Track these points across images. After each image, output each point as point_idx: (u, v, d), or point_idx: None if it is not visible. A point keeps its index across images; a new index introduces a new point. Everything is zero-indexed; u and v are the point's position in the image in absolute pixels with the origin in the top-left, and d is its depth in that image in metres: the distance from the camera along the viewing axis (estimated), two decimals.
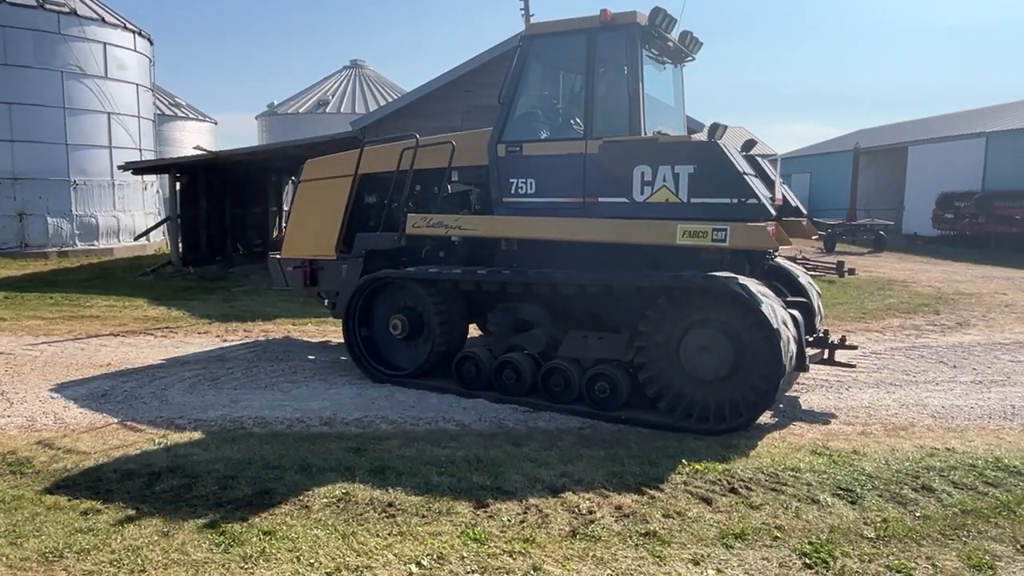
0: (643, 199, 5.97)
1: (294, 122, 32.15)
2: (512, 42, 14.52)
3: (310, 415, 6.00)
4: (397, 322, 6.89)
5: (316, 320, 10.57)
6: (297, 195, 8.27)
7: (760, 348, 5.34)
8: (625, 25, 6.18)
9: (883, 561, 3.60)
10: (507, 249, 6.80)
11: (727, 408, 5.50)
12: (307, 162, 8.27)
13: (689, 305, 5.65)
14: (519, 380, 6.31)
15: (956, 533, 3.89)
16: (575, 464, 4.82)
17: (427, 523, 3.94)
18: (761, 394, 5.38)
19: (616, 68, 6.41)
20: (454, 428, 5.72)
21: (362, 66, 37.07)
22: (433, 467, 4.74)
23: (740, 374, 5.45)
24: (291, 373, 7.47)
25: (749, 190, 5.68)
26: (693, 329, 5.60)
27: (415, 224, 7.04)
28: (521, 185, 6.53)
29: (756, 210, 5.69)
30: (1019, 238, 21.79)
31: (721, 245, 5.67)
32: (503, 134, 6.64)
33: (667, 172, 5.86)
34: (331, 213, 7.83)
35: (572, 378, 6.07)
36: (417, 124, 14.69)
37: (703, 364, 5.50)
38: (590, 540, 3.78)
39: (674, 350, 5.66)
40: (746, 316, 5.40)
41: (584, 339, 6.19)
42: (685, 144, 6.05)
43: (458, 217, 6.87)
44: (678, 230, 5.79)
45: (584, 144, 6.26)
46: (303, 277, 7.95)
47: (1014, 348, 8.60)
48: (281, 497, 4.26)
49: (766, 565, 3.57)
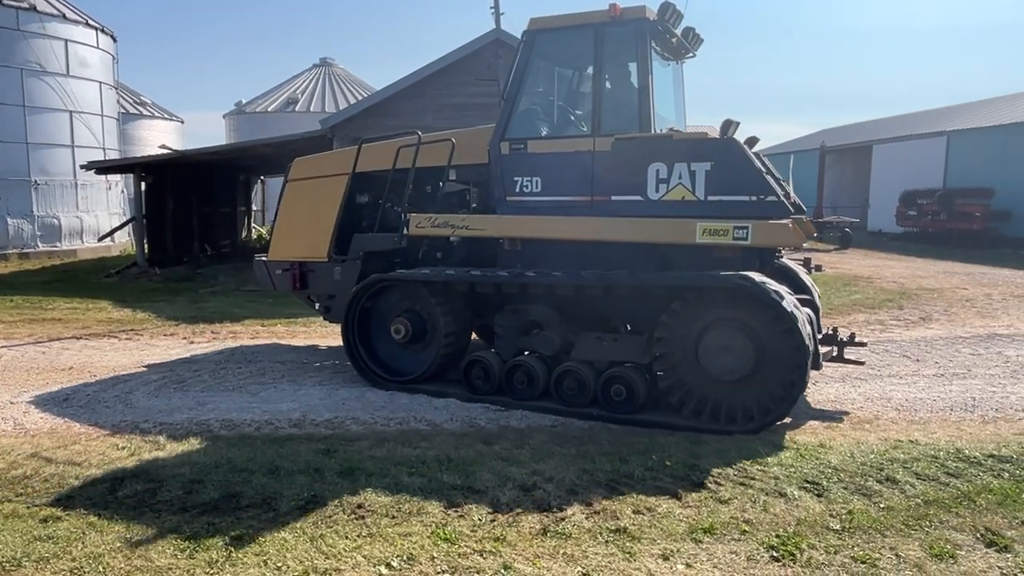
0: (658, 197, 5.87)
1: (262, 121, 31.72)
2: (484, 40, 14.53)
3: (279, 417, 5.93)
4: (400, 326, 6.64)
5: (285, 321, 10.45)
6: (284, 195, 7.92)
7: (786, 347, 5.28)
8: (635, 20, 6.05)
9: (848, 552, 3.65)
10: (510, 249, 6.59)
11: (754, 407, 5.42)
12: (295, 161, 7.95)
13: (711, 304, 5.54)
14: (531, 384, 6.12)
15: (919, 523, 3.96)
16: (546, 462, 4.82)
17: (397, 524, 3.91)
18: (788, 390, 5.31)
19: (625, 63, 6.33)
20: (425, 428, 5.69)
21: (331, 64, 36.73)
22: (404, 467, 4.70)
23: (763, 373, 5.39)
24: (259, 375, 7.37)
25: (768, 187, 5.66)
26: (714, 329, 5.52)
27: (419, 224, 6.74)
28: (526, 183, 6.36)
29: (775, 208, 5.65)
30: (979, 234, 22.33)
31: (743, 243, 5.60)
32: (506, 131, 6.45)
33: (683, 169, 5.77)
34: (322, 213, 7.51)
35: (587, 381, 5.89)
36: (387, 123, 14.62)
37: (725, 364, 5.44)
38: (560, 538, 3.79)
39: (694, 351, 5.56)
40: (772, 315, 5.32)
41: (598, 341, 6.04)
42: (702, 141, 5.95)
43: (465, 217, 6.63)
44: (698, 228, 5.69)
45: (592, 141, 6.12)
46: (292, 280, 7.63)
47: (974, 342, 8.80)
48: (248, 501, 4.20)
49: (734, 559, 3.60)
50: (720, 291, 5.52)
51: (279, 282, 7.81)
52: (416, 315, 6.70)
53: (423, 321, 6.68)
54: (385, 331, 6.83)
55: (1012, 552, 3.66)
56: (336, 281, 7.36)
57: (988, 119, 26.31)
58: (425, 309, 6.67)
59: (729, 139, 5.84)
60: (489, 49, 14.55)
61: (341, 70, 36.59)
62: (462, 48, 14.57)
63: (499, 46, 14.52)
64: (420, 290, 6.64)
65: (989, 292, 12.98)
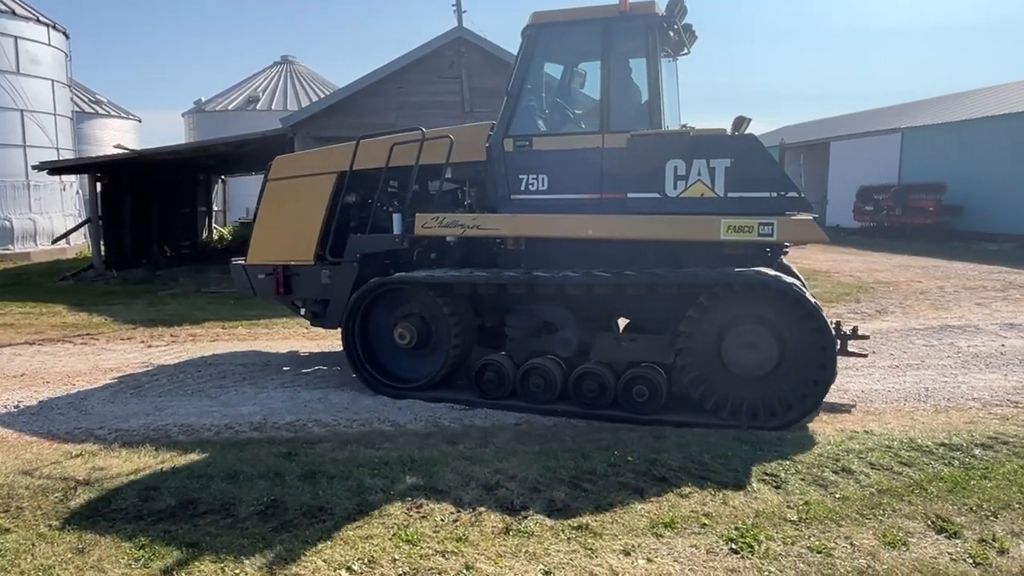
0: (676, 194, 5.81)
1: (223, 119, 31.17)
2: (446, 38, 14.46)
3: (239, 421, 5.84)
4: (404, 331, 6.37)
5: (247, 322, 10.29)
6: (264, 195, 7.48)
7: (812, 342, 5.36)
8: (644, 15, 5.99)
9: (805, 543, 3.72)
10: (513, 249, 6.44)
11: (777, 404, 5.47)
12: (276, 159, 7.60)
13: (737, 301, 5.55)
14: (548, 387, 5.97)
15: (873, 512, 4.06)
16: (510, 460, 4.82)
17: (358, 527, 3.88)
18: (818, 387, 5.39)
19: (633, 59, 6.28)
20: (389, 429, 5.65)
21: (293, 62, 36.20)
22: (366, 469, 4.66)
23: (788, 370, 5.45)
24: (219, 378, 7.26)
25: (789, 183, 5.68)
26: (739, 326, 5.53)
27: (425, 224, 6.47)
28: (532, 181, 6.23)
29: (796, 203, 5.69)
30: (932, 228, 22.95)
31: (768, 239, 5.63)
32: (510, 128, 6.31)
33: (702, 166, 5.73)
34: (307, 214, 7.14)
35: (608, 382, 5.80)
36: (349, 121, 14.48)
37: (749, 361, 5.47)
38: (523, 536, 3.79)
39: (717, 349, 5.56)
40: (798, 312, 5.39)
41: (616, 341, 5.99)
42: (722, 137, 5.90)
43: (476, 216, 6.39)
44: (722, 225, 5.65)
45: (601, 138, 6.04)
46: (276, 285, 7.21)
47: (928, 333, 9.04)
48: (206, 507, 4.12)
49: (694, 552, 3.65)
50: (748, 288, 5.51)
51: (261, 287, 7.40)
52: (421, 319, 6.45)
53: (429, 325, 6.44)
54: (386, 336, 6.57)
55: (961, 538, 3.77)
56: (326, 285, 7.01)
57: (940, 116, 27.03)
58: (432, 313, 6.41)
59: (749, 135, 5.85)
60: (451, 47, 14.49)
61: (303, 68, 36.12)
62: (424, 46, 14.47)
63: (461, 44, 14.48)
64: (427, 293, 6.35)
65: (942, 285, 13.35)
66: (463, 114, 14.45)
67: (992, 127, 23.81)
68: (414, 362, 6.56)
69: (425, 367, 6.49)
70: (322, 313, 7.14)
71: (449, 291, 6.35)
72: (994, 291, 12.69)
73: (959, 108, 27.31)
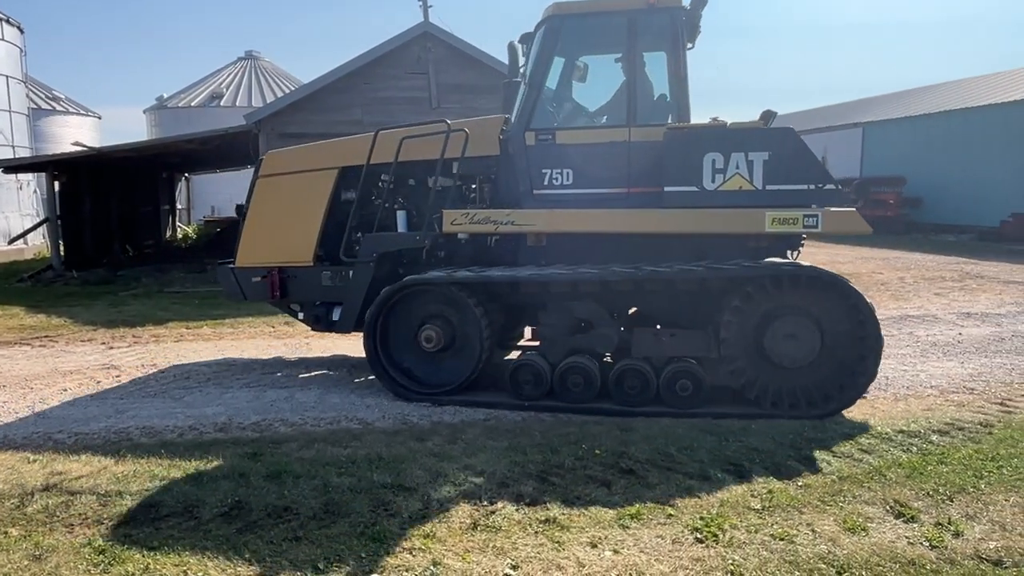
0: (715, 187, 5.78)
1: (186, 116, 30.59)
2: (412, 33, 14.37)
3: (203, 422, 5.75)
4: (431, 333, 6.10)
5: (212, 322, 10.14)
6: (255, 193, 7.01)
7: (855, 334, 5.52)
8: (670, 8, 5.98)
9: (768, 531, 3.78)
10: (534, 245, 6.29)
11: (817, 394, 5.59)
12: (267, 154, 7.19)
13: (781, 293, 5.62)
14: (588, 386, 5.84)
15: (834, 499, 4.14)
16: (478, 456, 4.82)
17: (324, 526, 3.85)
18: (865, 376, 5.55)
19: (658, 51, 6.24)
20: (356, 427, 5.61)
21: (258, 57, 35.65)
22: (333, 468, 4.62)
23: (828, 360, 5.58)
24: (183, 378, 7.14)
25: (827, 176, 5.78)
26: (782, 317, 5.59)
27: (454, 221, 6.23)
28: (556, 176, 6.11)
29: (834, 196, 5.76)
30: (893, 221, 23.43)
31: (813, 231, 5.72)
32: (531, 121, 6.19)
33: (740, 159, 5.74)
34: (306, 212, 6.79)
35: (650, 378, 5.73)
36: (316, 118, 14.35)
37: (792, 352, 5.55)
38: (490, 531, 3.80)
39: (759, 340, 5.62)
40: (844, 302, 5.55)
41: (655, 337, 5.92)
42: (759, 130, 5.94)
43: (510, 212, 6.15)
44: (767, 217, 5.69)
45: (627, 131, 6.00)
46: (271, 288, 6.83)
47: (888, 323, 9.22)
48: (168, 510, 4.05)
49: (660, 542, 3.69)
50: (797, 280, 5.60)
51: (253, 291, 6.99)
52: (447, 320, 6.20)
53: (456, 326, 6.19)
54: (407, 339, 6.29)
55: (918, 522, 3.87)
56: (327, 287, 6.73)
57: (899, 111, 27.61)
58: (462, 313, 6.14)
59: (787, 128, 5.87)
60: (418, 43, 14.41)
61: (268, 63, 35.60)
62: (391, 41, 14.37)
63: (428, 39, 14.40)
64: (458, 293, 6.08)
65: (902, 276, 13.66)
66: (431, 110, 14.40)
67: (949, 121, 24.40)
68: (436, 365, 6.28)
69: (449, 370, 6.22)
70: (324, 317, 6.82)
71: (482, 291, 6.14)
72: (951, 281, 13.03)
73: (918, 103, 27.93)
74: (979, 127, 23.91)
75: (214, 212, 28.06)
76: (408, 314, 6.29)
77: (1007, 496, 4.16)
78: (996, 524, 3.84)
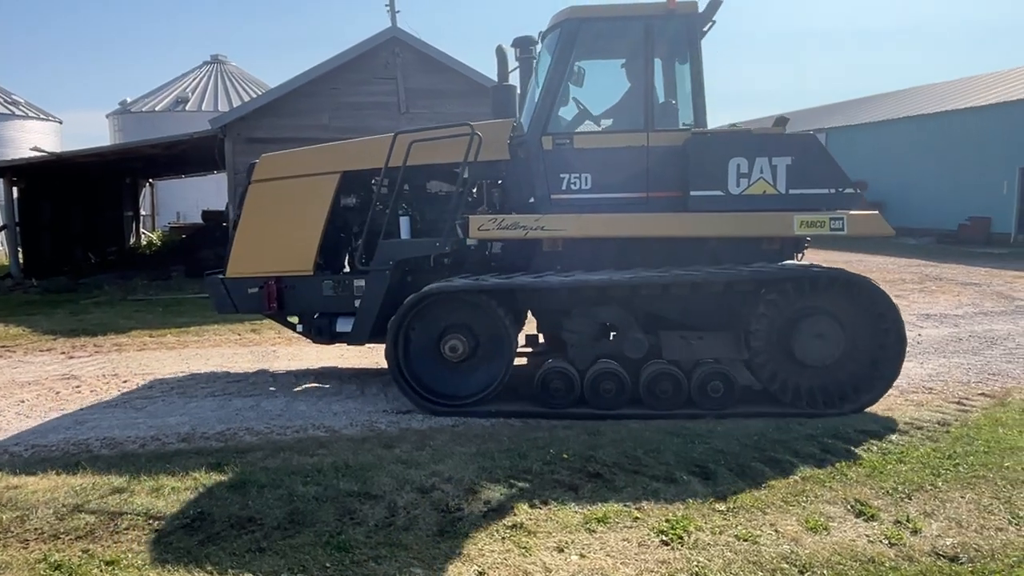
0: (739, 191, 5.89)
1: (150, 121, 30.05)
2: (380, 38, 14.32)
3: (166, 432, 5.65)
4: (456, 343, 5.91)
5: (176, 330, 9.96)
6: (248, 198, 6.69)
7: (885, 331, 5.74)
8: (687, 14, 6.05)
9: (732, 531, 3.83)
10: (549, 251, 6.21)
11: (847, 389, 5.81)
12: (262, 158, 6.82)
13: (812, 295, 5.81)
14: (620, 391, 5.80)
15: (796, 499, 4.20)
16: (446, 462, 4.80)
17: (288, 536, 3.80)
18: (891, 373, 5.81)
19: (675, 57, 6.30)
20: (324, 435, 5.56)
21: (224, 62, 35.18)
22: (299, 477, 4.57)
23: (854, 358, 5.79)
24: (146, 388, 7.01)
25: (846, 180, 5.94)
26: (808, 318, 5.75)
27: (482, 226, 6.08)
28: (574, 180, 6.10)
29: (853, 199, 5.94)
30: None
31: (839, 233, 5.87)
32: (548, 125, 6.17)
33: (764, 163, 5.86)
34: (305, 218, 6.53)
35: (682, 381, 5.76)
36: (283, 122, 14.22)
37: (818, 351, 5.72)
38: (457, 537, 3.78)
39: (789, 340, 5.76)
40: (873, 303, 5.77)
41: (683, 340, 5.94)
42: (782, 136, 6.08)
43: (538, 217, 6.03)
44: (795, 220, 5.83)
45: (646, 136, 6.06)
46: (268, 299, 6.52)
47: None
48: (128, 523, 3.97)
49: (626, 545, 3.71)
50: (831, 282, 5.82)
51: (246, 303, 6.68)
52: (469, 329, 6.01)
53: (479, 335, 6.01)
54: (427, 349, 6.05)
55: (878, 520, 3.94)
56: (328, 297, 6.53)
57: (862, 117, 28.23)
58: (488, 322, 5.97)
59: (809, 134, 6.06)
60: (386, 48, 14.36)
61: (234, 68, 35.16)
62: (359, 46, 14.30)
63: (396, 44, 14.36)
64: (487, 301, 5.92)
65: None
66: (399, 115, 14.35)
67: (910, 127, 25.00)
68: (456, 376, 6.05)
69: (470, 381, 6.03)
70: (328, 328, 6.60)
71: (510, 298, 6.06)
72: (912, 283, 13.33)
73: (880, 109, 28.57)
74: (939, 133, 24.55)
75: (179, 218, 27.63)
76: (428, 323, 6.06)
77: (963, 493, 4.26)
78: (952, 521, 3.93)
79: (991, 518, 3.96)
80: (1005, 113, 22.85)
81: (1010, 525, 3.88)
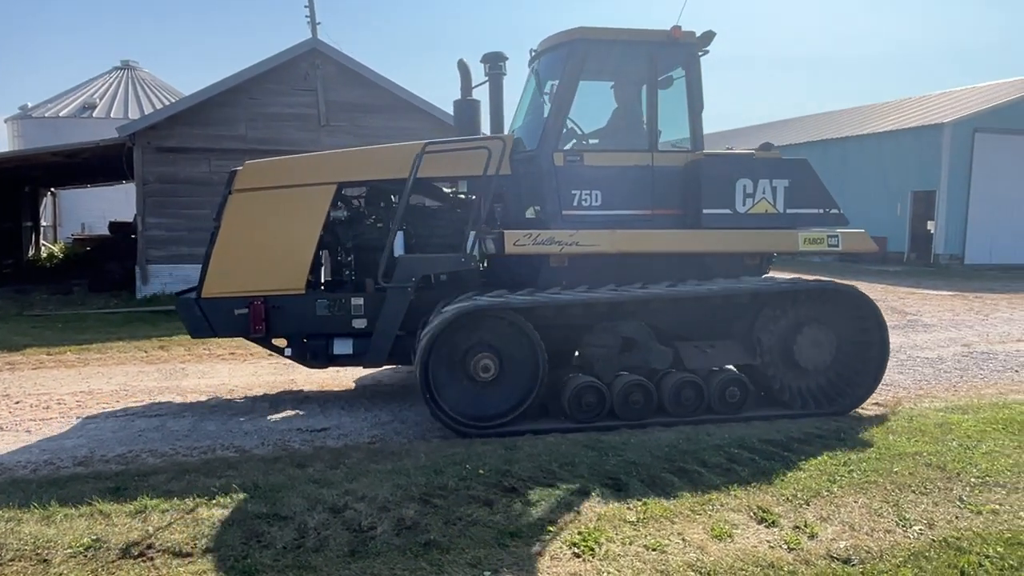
0: (745, 210, 6.35)
1: (54, 127, 28.47)
2: (300, 49, 14.08)
3: (61, 455, 5.34)
4: (488, 362, 5.77)
5: (76, 347, 9.43)
6: (228, 209, 6.18)
7: (869, 341, 6.41)
8: (687, 43, 6.40)
9: (642, 541, 3.92)
10: (556, 267, 6.29)
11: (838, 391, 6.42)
12: (245, 165, 6.31)
13: (816, 306, 6.40)
14: (647, 402, 5.98)
15: (703, 508, 4.34)
16: (360, 481, 4.72)
17: (190, 562, 3.65)
18: (876, 375, 6.45)
19: (675, 82, 6.58)
20: (233, 455, 5.38)
21: (135, 68, 33.73)
22: (203, 500, 4.40)
23: (844, 361, 6.43)
24: (42, 409, 6.61)
25: (833, 201, 6.57)
26: (808, 327, 6.31)
27: (517, 242, 6.00)
28: (585, 197, 6.23)
29: (838, 219, 6.58)
30: None
31: (835, 250, 6.57)
32: (559, 142, 6.27)
33: (766, 185, 6.37)
34: (297, 233, 6.22)
35: (703, 389, 6.09)
36: (196, 131, 13.78)
37: (815, 356, 6.30)
38: (369, 557, 3.72)
39: (790, 347, 6.30)
40: (865, 313, 6.41)
41: (698, 349, 6.27)
42: (780, 160, 6.56)
43: (573, 232, 6.05)
44: (800, 238, 6.47)
45: (651, 156, 6.36)
46: (254, 320, 6.07)
47: None
48: (14, 554, 3.72)
49: (538, 559, 3.74)
50: (828, 295, 6.41)
51: (228, 325, 6.20)
52: (496, 348, 5.85)
53: (505, 354, 5.86)
54: (452, 368, 5.83)
55: (778, 526, 4.12)
56: (322, 317, 6.25)
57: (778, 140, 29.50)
58: (518, 339, 5.87)
59: (803, 159, 6.61)
60: (306, 59, 14.13)
61: (146, 74, 33.78)
62: (277, 56, 14.00)
63: (316, 56, 14.16)
64: (518, 318, 5.83)
65: None
66: (319, 127, 14.14)
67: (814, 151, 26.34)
68: (481, 396, 5.87)
69: (496, 400, 5.87)
70: (323, 351, 6.26)
71: (540, 315, 5.96)
72: None
73: (795, 132, 30.01)
74: (840, 158, 25.98)
75: (84, 229, 26.23)
76: (453, 343, 5.84)
77: (856, 498, 4.50)
78: (846, 525, 4.15)
79: (881, 521, 4.20)
80: (898, 140, 24.47)
81: (897, 527, 4.13)
